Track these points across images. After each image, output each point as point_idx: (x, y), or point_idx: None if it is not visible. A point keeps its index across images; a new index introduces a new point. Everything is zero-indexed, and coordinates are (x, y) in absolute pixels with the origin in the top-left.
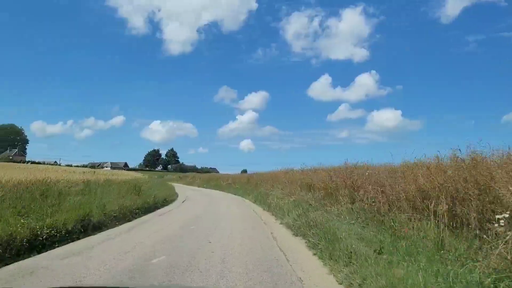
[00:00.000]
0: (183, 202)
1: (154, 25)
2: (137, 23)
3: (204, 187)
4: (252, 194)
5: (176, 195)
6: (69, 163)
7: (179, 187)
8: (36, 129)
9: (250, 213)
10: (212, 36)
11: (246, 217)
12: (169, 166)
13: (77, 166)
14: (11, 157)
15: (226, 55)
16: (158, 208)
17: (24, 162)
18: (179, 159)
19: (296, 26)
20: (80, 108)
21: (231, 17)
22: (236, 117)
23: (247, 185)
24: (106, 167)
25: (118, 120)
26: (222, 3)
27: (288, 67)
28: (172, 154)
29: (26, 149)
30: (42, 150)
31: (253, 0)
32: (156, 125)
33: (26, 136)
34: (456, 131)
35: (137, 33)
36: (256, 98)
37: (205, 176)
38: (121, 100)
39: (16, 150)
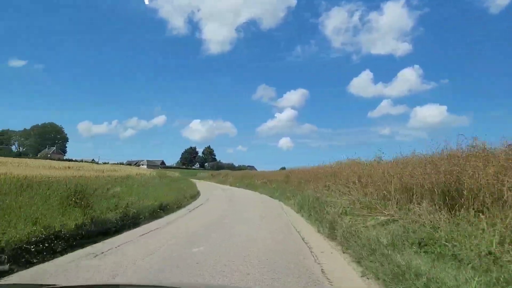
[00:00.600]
0: (190, 211)
1: (194, 25)
2: (177, 23)
3: (236, 186)
4: (295, 198)
5: (194, 196)
6: (106, 161)
7: (206, 186)
8: (82, 129)
9: (302, 251)
10: (251, 35)
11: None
12: (206, 164)
13: (114, 163)
14: (49, 155)
15: (264, 53)
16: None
17: (61, 160)
18: (216, 157)
19: (335, 21)
20: (124, 108)
21: (270, 14)
22: (275, 115)
23: (286, 184)
24: (143, 165)
25: (160, 119)
26: (260, 1)
27: (328, 63)
28: (209, 152)
29: (66, 147)
30: (88, 149)
31: None
32: (196, 124)
33: (66, 134)
34: (505, 128)
35: (177, 34)
36: (294, 96)
37: (238, 174)
38: (162, 100)
39: (54, 148)
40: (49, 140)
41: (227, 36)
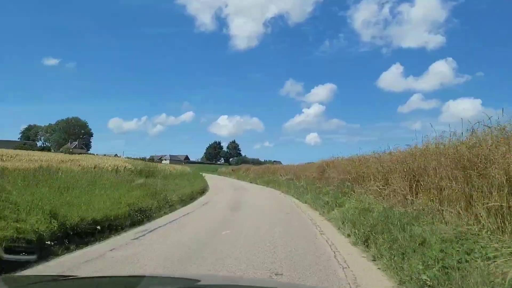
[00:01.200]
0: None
1: (221, 21)
2: (205, 19)
3: (256, 183)
4: (341, 208)
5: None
6: (129, 156)
7: (217, 185)
8: (113, 125)
9: None
10: (278, 29)
11: None
12: (230, 159)
13: (136, 158)
14: (71, 150)
15: (292, 48)
16: None
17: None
18: (241, 152)
19: (365, 14)
20: (153, 105)
21: (298, 9)
22: (302, 110)
23: (320, 181)
24: (165, 160)
25: (188, 115)
26: None
27: (356, 57)
28: (234, 147)
29: (90, 142)
30: (119, 145)
31: None
32: (223, 120)
33: (90, 129)
34: None
35: (205, 30)
36: (322, 91)
37: (259, 169)
38: (190, 96)
39: (76, 142)
40: (73, 135)
41: (255, 31)
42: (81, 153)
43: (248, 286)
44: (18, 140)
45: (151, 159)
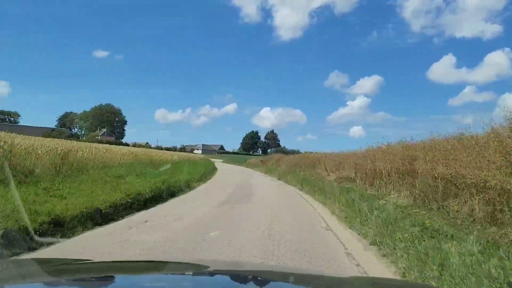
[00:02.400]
0: None
1: (266, 11)
2: (250, 10)
3: (284, 180)
4: None
5: None
6: (160, 145)
7: (222, 186)
8: (159, 116)
9: None
10: (324, 20)
11: None
12: (269, 150)
13: (168, 149)
14: (98, 137)
15: (338, 39)
16: None
17: (108, 143)
18: (279, 142)
19: (416, 2)
20: (197, 97)
21: None
22: (347, 103)
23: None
24: (197, 149)
25: (231, 107)
26: None
27: (405, 48)
28: (272, 137)
29: (124, 130)
30: (165, 136)
31: None
32: (266, 112)
33: (124, 117)
34: None
35: (249, 21)
36: (368, 83)
37: (293, 159)
38: (234, 88)
39: (105, 130)
40: (105, 122)
41: (300, 22)
42: (108, 142)
43: (256, 271)
44: (55, 127)
45: (182, 149)
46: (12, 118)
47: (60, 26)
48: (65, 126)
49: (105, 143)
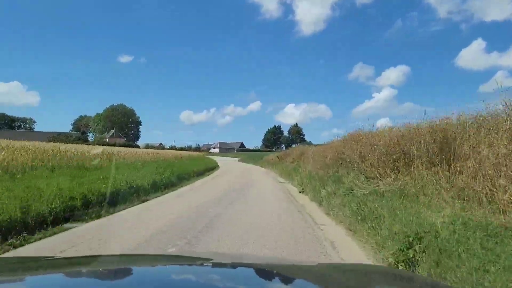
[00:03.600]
0: None
1: (287, 6)
2: (270, 6)
3: (318, 202)
4: None
5: None
6: (174, 145)
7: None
8: (184, 118)
9: None
10: (346, 11)
11: None
12: (293, 145)
13: (182, 149)
14: (105, 140)
15: (361, 30)
16: None
17: (117, 144)
18: (305, 137)
19: None
20: (222, 96)
21: None
22: (373, 95)
23: None
24: (214, 148)
25: (255, 105)
26: None
27: (432, 36)
28: (297, 131)
29: (139, 132)
30: (189, 136)
31: None
32: (290, 108)
33: (138, 117)
34: None
35: (270, 17)
36: (394, 74)
37: (324, 150)
38: (257, 86)
39: (113, 131)
40: (117, 123)
41: (321, 15)
42: (116, 144)
43: (255, 264)
44: (69, 131)
45: (197, 148)
46: (27, 125)
47: (86, 33)
48: (79, 130)
49: (113, 145)
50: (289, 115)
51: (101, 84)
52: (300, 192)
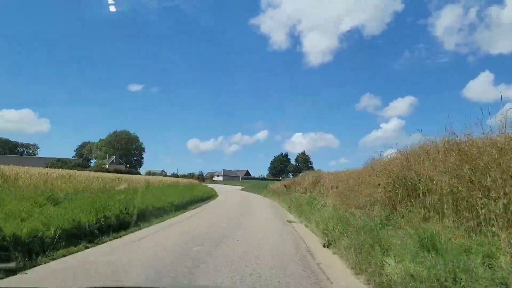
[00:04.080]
0: None
1: (295, 38)
2: (279, 38)
3: None
4: None
5: None
6: (175, 173)
7: None
8: (192, 146)
9: None
10: (354, 43)
11: None
12: (301, 173)
13: (183, 175)
14: (104, 166)
15: (368, 61)
16: None
17: (116, 171)
18: (312, 165)
19: (448, 20)
20: (229, 125)
21: (374, 21)
22: (380, 125)
23: None
24: (218, 175)
25: (263, 134)
26: (364, 8)
27: (439, 67)
28: (304, 159)
29: (142, 158)
30: (197, 164)
31: (399, 1)
32: (297, 137)
33: (142, 144)
34: None
35: (278, 48)
36: (402, 104)
37: (357, 176)
38: (265, 115)
39: (114, 157)
40: (119, 150)
41: (329, 46)
42: (116, 170)
43: None
44: (72, 158)
45: (199, 176)
46: (30, 150)
47: (97, 63)
48: (82, 156)
49: (112, 172)
50: (297, 144)
51: (111, 112)
52: (324, 246)
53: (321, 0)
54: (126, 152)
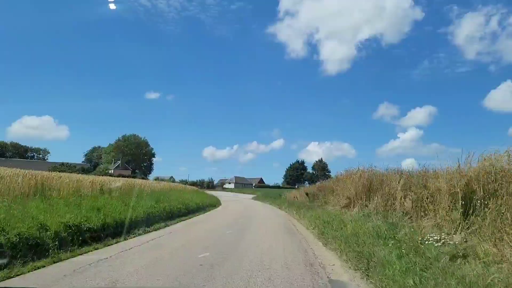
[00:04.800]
0: None
1: (312, 46)
2: (296, 46)
3: None
4: None
5: None
6: (184, 179)
7: None
8: (207, 154)
9: None
10: (372, 51)
11: None
12: (317, 182)
13: (193, 182)
14: (109, 171)
15: (386, 70)
16: None
17: (121, 176)
18: (330, 173)
19: (469, 29)
20: (244, 133)
21: (393, 30)
22: (398, 135)
23: None
24: (229, 183)
25: (278, 143)
26: (383, 17)
27: (459, 76)
28: (321, 167)
29: (152, 164)
30: (213, 172)
31: (419, 10)
32: (313, 146)
33: (152, 149)
34: None
35: (296, 56)
36: (420, 114)
37: None
38: (281, 123)
39: (119, 162)
40: (128, 155)
41: (346, 54)
42: (120, 175)
43: None
44: (82, 163)
45: (210, 183)
46: (40, 155)
47: (115, 71)
48: (91, 161)
49: (116, 176)
50: (313, 153)
51: (128, 119)
52: None
53: (339, 8)
54: (135, 157)
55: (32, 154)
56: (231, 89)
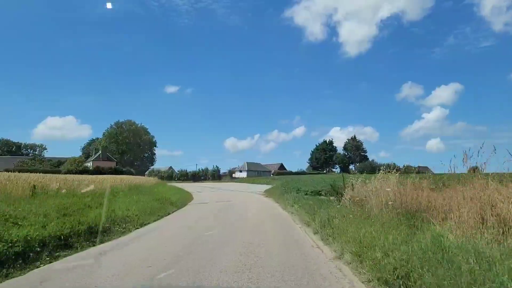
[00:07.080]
0: None
1: (331, 28)
2: (314, 29)
3: None
4: None
5: None
6: (184, 169)
7: None
8: (229, 145)
9: None
10: (393, 30)
11: None
12: (351, 165)
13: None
14: (87, 164)
15: (409, 48)
16: None
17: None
18: (367, 155)
19: None
20: (266, 122)
21: (415, 6)
22: (422, 115)
23: None
24: (240, 171)
25: (299, 130)
26: None
27: (486, 51)
28: (356, 146)
29: (154, 154)
30: (233, 164)
31: None
32: (335, 131)
33: (153, 137)
34: None
35: (314, 40)
36: (445, 92)
37: None
38: (301, 110)
39: (100, 153)
40: (123, 144)
41: (366, 35)
42: (98, 168)
43: None
44: (80, 156)
45: (214, 173)
46: (34, 152)
47: (135, 66)
48: (89, 155)
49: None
50: (335, 139)
51: (148, 113)
52: None
53: None
54: (131, 146)
55: (26, 151)
56: (249, 79)
